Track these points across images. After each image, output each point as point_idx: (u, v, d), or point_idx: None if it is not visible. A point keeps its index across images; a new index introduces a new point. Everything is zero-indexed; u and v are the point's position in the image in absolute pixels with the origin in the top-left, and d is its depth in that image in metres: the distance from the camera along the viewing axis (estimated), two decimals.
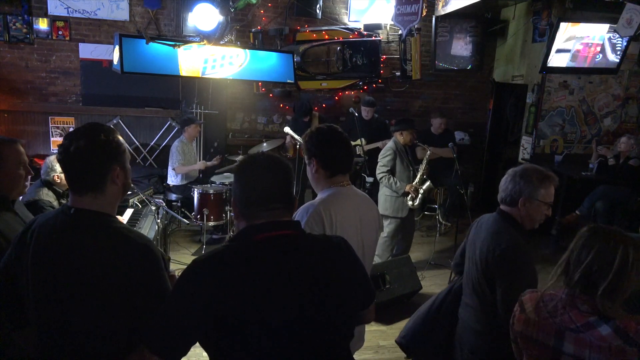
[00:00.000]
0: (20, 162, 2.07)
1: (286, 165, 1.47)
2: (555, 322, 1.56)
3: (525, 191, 2.11)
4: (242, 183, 1.44)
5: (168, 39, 4.16)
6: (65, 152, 1.51)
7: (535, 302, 1.64)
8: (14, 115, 6.27)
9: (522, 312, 1.67)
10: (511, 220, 2.18)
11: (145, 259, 1.48)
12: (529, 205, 2.13)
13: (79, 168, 1.52)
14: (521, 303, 1.70)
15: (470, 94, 7.47)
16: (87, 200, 1.52)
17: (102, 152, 1.53)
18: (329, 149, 2.05)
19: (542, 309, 1.61)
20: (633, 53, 6.27)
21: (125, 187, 1.62)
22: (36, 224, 1.58)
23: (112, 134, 1.57)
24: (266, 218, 1.40)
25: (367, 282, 1.60)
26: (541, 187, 2.11)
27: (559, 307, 1.58)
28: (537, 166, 2.20)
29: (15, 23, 6.02)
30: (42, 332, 1.54)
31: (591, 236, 1.55)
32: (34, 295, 1.53)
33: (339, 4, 6.75)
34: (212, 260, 1.35)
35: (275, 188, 1.42)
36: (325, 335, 1.39)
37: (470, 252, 2.32)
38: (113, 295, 1.44)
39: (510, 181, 2.17)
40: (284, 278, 1.33)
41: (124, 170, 1.58)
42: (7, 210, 2.04)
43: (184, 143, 5.67)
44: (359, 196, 2.18)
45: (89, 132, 1.54)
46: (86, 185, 1.52)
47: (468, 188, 6.54)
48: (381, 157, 4.69)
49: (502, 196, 2.21)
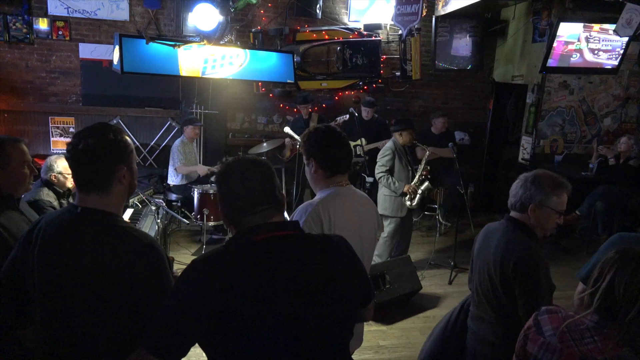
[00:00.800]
0: (24, 161, 2.09)
1: (264, 165, 1.47)
2: (580, 350, 1.44)
3: (536, 198, 2.05)
4: (224, 192, 1.44)
5: (168, 39, 4.17)
6: (73, 150, 1.52)
7: (558, 326, 1.51)
8: (14, 115, 6.27)
9: (539, 333, 1.55)
10: (523, 227, 2.12)
11: (150, 258, 1.48)
12: (539, 212, 2.06)
13: (86, 166, 1.53)
14: (537, 323, 1.57)
15: (470, 94, 7.47)
16: (93, 199, 1.53)
17: (110, 152, 1.53)
18: (327, 149, 2.05)
19: (566, 335, 1.48)
20: (633, 53, 6.27)
21: (132, 187, 1.63)
22: (42, 222, 1.60)
23: (120, 133, 1.58)
24: (256, 221, 1.40)
25: (367, 281, 1.60)
26: (553, 194, 2.05)
27: (585, 335, 1.45)
28: (549, 172, 2.14)
29: (15, 23, 6.02)
30: (47, 330, 1.55)
31: (621, 260, 1.43)
32: (39, 293, 1.54)
33: (339, 4, 6.76)
34: (211, 260, 1.36)
35: (258, 190, 1.42)
36: (324, 334, 1.39)
37: (480, 264, 2.25)
38: (117, 295, 1.45)
39: (521, 187, 2.11)
40: (283, 278, 1.33)
41: (130, 171, 1.59)
42: (13, 209, 2.05)
43: (184, 143, 5.67)
44: (357, 196, 2.18)
45: (98, 131, 1.55)
46: (93, 184, 1.53)
47: (468, 188, 6.53)
48: (380, 157, 4.70)
49: (512, 202, 2.15)
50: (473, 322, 2.31)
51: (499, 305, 2.14)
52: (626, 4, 4.36)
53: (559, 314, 1.55)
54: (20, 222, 2.01)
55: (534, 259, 2.04)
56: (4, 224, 1.92)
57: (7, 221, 1.95)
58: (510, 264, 2.05)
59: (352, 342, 1.56)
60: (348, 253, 1.50)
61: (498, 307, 2.15)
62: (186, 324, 1.29)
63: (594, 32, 5.68)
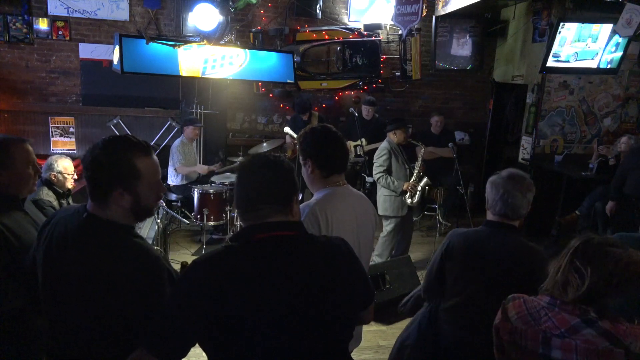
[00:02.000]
0: (29, 162, 2.08)
1: (286, 165, 1.47)
2: (540, 329, 1.56)
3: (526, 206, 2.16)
4: (242, 183, 1.45)
5: (168, 39, 4.17)
6: (86, 154, 1.53)
7: (519, 310, 1.64)
8: (14, 115, 6.27)
9: (506, 320, 1.66)
10: (516, 230, 2.18)
11: (146, 271, 1.48)
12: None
13: (88, 174, 1.53)
14: (505, 310, 1.69)
15: (470, 94, 7.47)
16: (95, 208, 1.55)
17: (107, 173, 1.50)
18: (324, 149, 2.04)
19: (526, 317, 1.61)
20: (633, 53, 6.27)
21: (136, 212, 1.56)
22: (56, 218, 1.62)
23: (133, 156, 1.51)
24: (267, 217, 1.40)
25: (367, 282, 1.60)
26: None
27: (542, 314, 1.58)
28: (514, 171, 2.20)
29: (15, 23, 6.02)
30: (51, 325, 1.59)
31: (584, 250, 1.54)
32: (42, 291, 1.58)
33: (339, 4, 6.75)
34: (212, 261, 1.35)
35: (274, 188, 1.42)
36: (325, 335, 1.39)
37: (474, 275, 2.20)
38: (109, 304, 1.46)
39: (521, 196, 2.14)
40: (284, 279, 1.33)
41: (132, 196, 1.52)
42: (17, 210, 2.05)
43: (184, 143, 5.67)
44: (355, 196, 2.17)
45: (110, 147, 1.51)
46: (92, 194, 1.54)
47: (468, 188, 6.53)
48: (377, 158, 4.70)
49: (510, 213, 2.15)
50: (466, 332, 2.22)
51: None
52: (626, 4, 4.36)
53: (520, 299, 1.69)
54: (24, 223, 2.02)
55: (543, 258, 2.09)
56: (8, 224, 1.93)
57: (11, 222, 1.95)
58: (531, 267, 2.06)
59: (351, 341, 1.56)
60: (349, 255, 1.50)
61: None
62: (187, 324, 1.29)
63: (594, 32, 5.68)
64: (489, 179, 2.23)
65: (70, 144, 6.47)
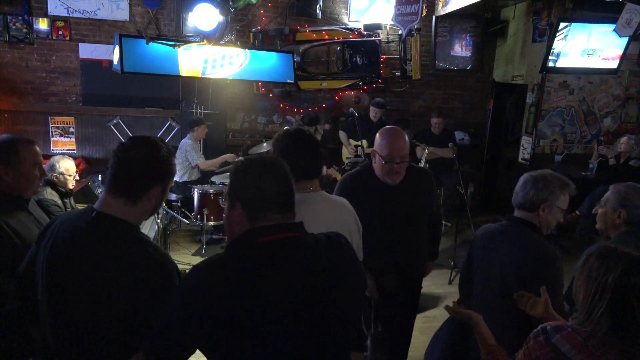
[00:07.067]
0: (36, 163, 2.08)
1: (283, 165, 1.47)
2: (607, 358, 1.41)
3: (548, 197, 2.12)
4: (239, 186, 1.43)
5: (168, 39, 4.17)
6: (123, 150, 1.52)
7: (575, 342, 1.45)
8: (14, 115, 6.27)
9: (560, 356, 1.46)
10: (532, 226, 2.17)
11: (157, 274, 1.47)
12: (548, 211, 2.14)
13: (128, 172, 1.52)
14: (554, 346, 1.47)
15: (470, 94, 7.47)
16: (118, 205, 1.52)
17: (156, 169, 1.56)
18: (292, 153, 1.94)
19: (588, 348, 1.43)
20: (633, 53, 6.27)
21: (156, 207, 1.63)
22: (58, 221, 1.60)
23: (172, 155, 1.61)
24: (275, 220, 1.38)
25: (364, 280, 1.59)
26: (562, 194, 2.13)
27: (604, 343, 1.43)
28: (554, 172, 2.20)
29: (15, 23, 6.02)
30: (54, 329, 1.55)
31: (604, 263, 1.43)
32: (46, 293, 1.54)
33: (339, 4, 6.76)
34: (213, 265, 1.34)
35: (273, 190, 1.40)
36: (329, 337, 1.38)
37: (486, 269, 2.23)
38: (121, 304, 1.44)
39: (531, 186, 2.15)
40: (286, 282, 1.32)
41: (163, 194, 1.61)
42: (22, 210, 2.05)
43: (194, 141, 5.71)
44: (327, 202, 2.07)
45: (154, 145, 1.57)
46: (125, 191, 1.52)
47: (468, 188, 6.52)
48: None
49: (521, 201, 2.18)
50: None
51: (513, 307, 2.11)
52: (626, 4, 4.36)
53: (567, 329, 1.49)
54: (29, 223, 2.01)
55: (557, 256, 2.11)
56: (12, 225, 1.92)
57: (16, 222, 1.95)
58: (536, 264, 2.07)
59: None
60: (348, 250, 1.49)
61: (512, 309, 2.12)
62: (188, 330, 1.28)
63: (594, 32, 5.69)
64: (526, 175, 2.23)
65: (70, 144, 6.47)
